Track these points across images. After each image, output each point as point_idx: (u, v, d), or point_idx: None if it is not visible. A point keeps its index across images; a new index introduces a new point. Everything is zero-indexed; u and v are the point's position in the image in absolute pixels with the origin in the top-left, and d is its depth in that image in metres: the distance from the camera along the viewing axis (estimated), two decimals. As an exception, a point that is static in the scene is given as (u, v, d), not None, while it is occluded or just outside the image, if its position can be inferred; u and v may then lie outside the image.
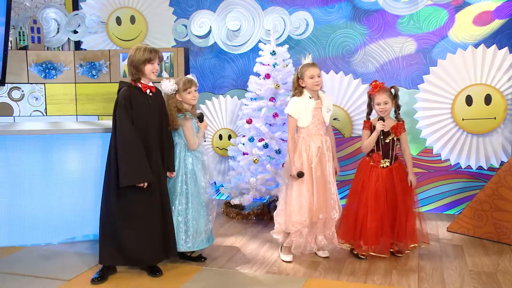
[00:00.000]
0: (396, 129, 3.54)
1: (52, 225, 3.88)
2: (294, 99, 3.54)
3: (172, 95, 3.43)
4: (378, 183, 3.50)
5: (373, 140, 3.52)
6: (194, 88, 3.48)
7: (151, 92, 3.26)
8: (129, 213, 3.17)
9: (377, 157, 3.54)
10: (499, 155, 4.52)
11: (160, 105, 3.32)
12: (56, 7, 5.68)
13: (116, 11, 5.70)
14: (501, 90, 4.43)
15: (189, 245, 3.41)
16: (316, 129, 3.52)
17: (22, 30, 5.48)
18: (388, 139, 3.53)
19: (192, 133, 3.45)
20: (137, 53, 3.17)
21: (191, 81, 3.48)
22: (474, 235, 4.09)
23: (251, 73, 4.68)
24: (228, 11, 5.24)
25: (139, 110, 3.17)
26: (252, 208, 4.64)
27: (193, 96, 3.47)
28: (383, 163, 3.54)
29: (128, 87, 3.19)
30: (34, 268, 3.39)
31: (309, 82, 3.46)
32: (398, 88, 3.59)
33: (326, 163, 3.51)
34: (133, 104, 3.14)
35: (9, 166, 3.78)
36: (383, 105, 3.49)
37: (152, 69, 3.20)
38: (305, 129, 3.52)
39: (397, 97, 3.56)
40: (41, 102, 5.46)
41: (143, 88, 3.22)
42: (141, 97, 3.20)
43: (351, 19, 5.00)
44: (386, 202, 3.48)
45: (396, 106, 3.57)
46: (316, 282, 3.17)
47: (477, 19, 4.64)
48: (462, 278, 3.22)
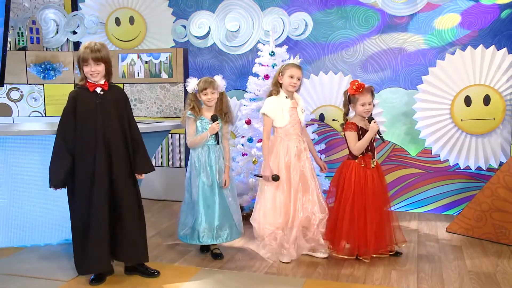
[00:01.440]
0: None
1: (51, 226, 3.87)
2: (270, 99, 3.54)
3: (193, 94, 3.51)
4: (374, 183, 3.48)
5: (369, 139, 3.47)
6: (211, 90, 3.45)
7: (103, 91, 3.06)
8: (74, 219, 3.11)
9: (368, 158, 3.51)
10: (498, 155, 4.53)
11: (118, 103, 3.11)
12: (55, 8, 5.68)
13: (115, 11, 5.70)
14: (500, 90, 4.44)
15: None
16: (293, 129, 3.53)
17: (21, 31, 5.48)
18: (373, 139, 3.53)
19: (192, 132, 3.47)
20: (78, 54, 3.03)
21: (210, 82, 3.45)
22: (473, 236, 4.09)
23: (250, 74, 4.69)
24: (227, 11, 5.24)
25: (86, 110, 3.02)
26: (252, 209, 4.63)
27: (208, 98, 3.46)
28: (373, 163, 3.52)
29: (77, 88, 3.10)
30: (33, 269, 3.38)
31: (286, 81, 3.48)
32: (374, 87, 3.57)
33: (305, 163, 3.51)
34: (79, 106, 3.01)
35: (8, 167, 3.77)
36: (368, 106, 3.45)
37: (88, 71, 2.99)
38: (282, 129, 3.52)
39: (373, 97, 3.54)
40: (40, 102, 5.46)
41: (90, 87, 3.04)
42: (89, 97, 3.03)
43: (350, 19, 5.01)
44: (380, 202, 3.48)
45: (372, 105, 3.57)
46: (315, 283, 3.17)
47: (476, 19, 4.64)
48: (461, 279, 3.22)
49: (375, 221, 3.44)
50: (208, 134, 3.45)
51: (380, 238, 3.48)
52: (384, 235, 3.50)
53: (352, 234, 3.47)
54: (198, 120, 3.49)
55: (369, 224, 3.43)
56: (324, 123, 4.96)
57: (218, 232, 3.48)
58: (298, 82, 3.51)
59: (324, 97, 4.98)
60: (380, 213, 3.48)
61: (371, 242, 3.44)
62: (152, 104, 5.33)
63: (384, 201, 3.53)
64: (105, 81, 3.10)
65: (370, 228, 3.43)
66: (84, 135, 3.02)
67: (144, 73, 5.33)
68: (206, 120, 3.50)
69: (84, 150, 3.02)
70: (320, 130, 4.89)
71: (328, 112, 4.98)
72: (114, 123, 3.07)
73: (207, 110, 3.51)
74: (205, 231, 3.45)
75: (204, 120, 3.50)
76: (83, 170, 3.03)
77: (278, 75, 3.55)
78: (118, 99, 3.13)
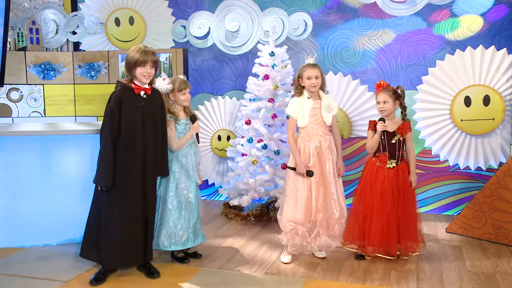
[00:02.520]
0: (402, 129, 3.52)
1: (50, 226, 3.87)
2: (293, 100, 3.58)
3: (165, 94, 3.45)
4: (385, 184, 3.48)
5: (376, 141, 3.51)
6: (188, 90, 3.50)
7: (146, 94, 3.17)
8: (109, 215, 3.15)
9: (383, 157, 3.53)
10: (497, 156, 4.53)
11: (156, 108, 3.24)
12: (55, 8, 5.68)
13: (115, 12, 5.70)
14: (499, 91, 4.44)
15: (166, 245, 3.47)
16: (314, 129, 3.53)
17: (21, 31, 5.48)
18: (394, 140, 3.51)
19: (175, 134, 3.44)
20: (130, 54, 3.10)
21: (186, 82, 3.50)
22: (473, 236, 4.09)
23: (250, 74, 4.69)
24: (227, 12, 5.24)
25: (130, 112, 3.10)
26: (251, 209, 4.64)
27: (187, 98, 3.49)
28: (390, 164, 3.53)
29: (121, 87, 3.14)
30: (33, 269, 3.38)
31: (306, 83, 3.50)
32: (404, 89, 3.58)
33: (325, 163, 3.51)
34: (124, 106, 3.07)
35: (7, 167, 3.77)
36: (382, 105, 3.49)
37: (142, 72, 3.10)
38: (304, 129, 3.54)
39: (402, 97, 3.55)
40: (39, 103, 5.46)
41: (136, 89, 3.13)
42: (134, 99, 3.12)
43: (350, 20, 5.01)
44: (392, 203, 3.46)
45: (402, 106, 3.56)
46: (315, 283, 3.17)
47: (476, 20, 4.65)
48: (461, 279, 3.22)
49: (381, 220, 3.44)
50: (192, 133, 3.48)
51: (387, 238, 3.47)
52: (394, 236, 3.48)
53: (356, 230, 3.54)
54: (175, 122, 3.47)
55: (374, 222, 3.45)
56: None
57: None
58: (317, 81, 3.50)
59: (324, 97, 4.97)
60: (390, 213, 3.45)
61: (374, 240, 3.45)
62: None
63: (400, 203, 3.49)
64: (149, 85, 3.19)
65: (376, 227, 3.44)
66: (125, 136, 3.09)
67: (144, 73, 5.32)
68: (183, 120, 3.49)
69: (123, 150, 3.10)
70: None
71: (327, 113, 4.98)
72: (151, 126, 3.19)
73: (180, 110, 3.52)
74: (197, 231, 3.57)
75: (181, 121, 3.49)
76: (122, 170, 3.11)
77: (298, 78, 3.56)
78: (157, 104, 3.25)
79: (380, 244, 3.49)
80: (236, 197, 4.70)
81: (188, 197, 3.47)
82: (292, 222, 3.48)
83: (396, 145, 3.53)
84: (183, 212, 3.46)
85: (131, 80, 3.15)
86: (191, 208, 3.50)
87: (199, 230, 3.59)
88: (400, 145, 3.54)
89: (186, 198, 3.46)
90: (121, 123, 3.07)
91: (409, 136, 3.56)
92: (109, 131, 3.05)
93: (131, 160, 3.12)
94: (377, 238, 3.46)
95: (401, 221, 3.49)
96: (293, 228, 3.48)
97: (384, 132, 3.49)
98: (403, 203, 3.49)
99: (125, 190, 3.13)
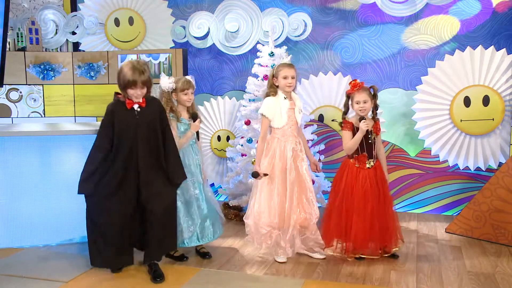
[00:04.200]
0: (376, 128, 3.52)
1: (50, 227, 3.87)
2: (268, 99, 3.55)
3: (168, 93, 3.45)
4: (366, 184, 3.46)
5: (358, 140, 3.47)
6: (192, 91, 3.50)
7: (140, 107, 3.14)
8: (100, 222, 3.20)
9: (363, 158, 3.50)
10: (497, 156, 4.53)
11: (153, 117, 3.20)
12: (55, 8, 5.68)
13: (115, 12, 5.70)
14: (499, 91, 4.44)
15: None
16: (290, 130, 3.54)
17: (20, 31, 5.48)
18: (370, 140, 3.50)
19: (176, 133, 3.44)
20: (122, 72, 3.06)
21: (190, 82, 3.50)
22: (472, 236, 4.09)
23: (249, 75, 4.69)
24: (226, 12, 5.24)
25: (124, 126, 3.10)
26: (251, 209, 4.63)
27: (189, 98, 3.49)
28: (368, 164, 3.51)
29: (115, 101, 3.17)
30: (32, 270, 3.38)
31: (282, 82, 3.48)
32: (377, 88, 3.56)
33: (300, 164, 3.53)
34: (116, 121, 3.09)
35: (7, 168, 3.77)
36: (362, 104, 3.45)
37: (133, 94, 3.07)
38: (280, 129, 3.53)
39: (376, 97, 3.53)
40: (39, 103, 5.46)
41: (127, 104, 3.11)
42: (127, 113, 3.11)
43: (349, 20, 5.01)
44: (373, 203, 3.45)
45: (374, 105, 3.53)
46: (314, 283, 3.17)
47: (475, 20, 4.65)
48: (460, 279, 3.22)
49: (362, 221, 3.42)
50: (193, 132, 3.48)
51: (369, 238, 3.46)
52: (375, 236, 3.47)
53: (339, 232, 3.52)
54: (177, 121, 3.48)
55: (355, 223, 3.43)
56: (324, 124, 4.96)
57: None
58: (293, 81, 3.51)
59: (324, 97, 4.98)
60: (372, 213, 3.44)
61: (356, 241, 3.45)
62: (152, 105, 5.33)
63: (380, 202, 3.49)
64: (143, 98, 3.16)
65: (356, 228, 3.43)
66: (119, 147, 3.11)
67: (143, 73, 5.32)
68: (185, 120, 3.50)
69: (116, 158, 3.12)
70: (320, 131, 4.90)
71: (327, 113, 4.98)
72: (149, 136, 3.17)
73: (182, 110, 3.53)
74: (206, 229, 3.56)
75: (183, 121, 3.49)
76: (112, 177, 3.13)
77: (272, 78, 3.55)
78: (155, 113, 3.22)
79: (362, 245, 3.47)
80: (235, 197, 4.70)
81: (195, 194, 3.48)
82: (267, 226, 3.46)
83: (372, 144, 3.52)
84: (191, 210, 3.47)
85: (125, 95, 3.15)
86: (199, 205, 3.50)
87: (208, 228, 3.56)
88: (374, 144, 3.53)
89: (191, 195, 3.47)
90: (114, 135, 3.10)
91: (379, 137, 3.58)
92: (98, 142, 3.12)
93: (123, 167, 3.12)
94: (360, 239, 3.43)
95: (382, 220, 3.48)
96: (267, 232, 3.47)
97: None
98: (383, 202, 3.49)
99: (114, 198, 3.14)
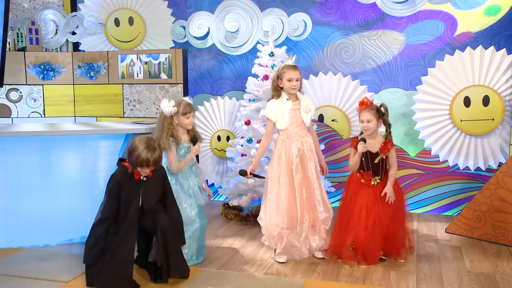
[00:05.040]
0: (384, 149, 3.49)
1: (50, 227, 3.87)
2: (271, 102, 3.57)
3: (170, 117, 3.42)
4: (370, 198, 3.45)
5: (357, 160, 3.48)
6: (193, 113, 3.48)
7: (145, 177, 3.15)
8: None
9: (367, 176, 3.50)
10: (497, 156, 4.53)
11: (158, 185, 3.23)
12: (54, 9, 5.68)
13: (114, 12, 5.70)
14: (499, 91, 4.44)
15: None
16: (295, 131, 3.53)
17: (20, 32, 5.48)
18: (377, 160, 3.49)
19: (175, 157, 3.43)
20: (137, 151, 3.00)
21: (191, 105, 3.48)
22: (472, 236, 4.09)
23: (249, 75, 4.69)
24: (226, 12, 5.24)
25: (130, 196, 3.12)
26: (251, 210, 4.63)
27: (191, 121, 3.47)
28: (374, 181, 3.50)
29: (122, 171, 3.15)
30: (32, 270, 3.38)
31: (286, 85, 3.49)
32: (387, 106, 3.50)
33: (307, 164, 3.51)
34: (123, 191, 3.10)
35: (7, 168, 3.77)
36: (365, 123, 3.44)
37: (141, 171, 3.06)
38: (284, 131, 3.53)
39: (386, 115, 3.49)
40: (39, 103, 5.46)
41: (135, 176, 3.13)
42: (134, 183, 3.14)
43: (349, 20, 5.01)
44: (376, 217, 3.41)
45: (386, 124, 3.50)
46: (314, 283, 3.17)
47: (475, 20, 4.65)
48: (460, 279, 3.22)
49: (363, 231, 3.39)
50: (192, 156, 3.46)
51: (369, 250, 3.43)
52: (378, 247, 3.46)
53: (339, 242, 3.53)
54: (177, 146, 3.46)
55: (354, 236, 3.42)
56: (324, 124, 4.96)
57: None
58: (298, 83, 3.51)
59: (324, 97, 4.98)
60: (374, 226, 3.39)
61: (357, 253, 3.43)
62: (152, 105, 5.33)
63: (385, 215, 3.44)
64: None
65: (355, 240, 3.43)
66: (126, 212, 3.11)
67: (143, 73, 5.33)
68: (185, 143, 3.49)
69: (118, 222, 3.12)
70: (320, 131, 4.89)
71: (327, 113, 4.98)
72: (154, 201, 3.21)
73: (183, 133, 3.51)
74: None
75: (183, 144, 3.48)
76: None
77: (276, 79, 3.55)
78: (159, 179, 3.24)
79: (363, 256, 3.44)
80: (235, 197, 4.70)
81: (191, 215, 3.46)
82: (276, 227, 3.47)
83: (380, 163, 3.50)
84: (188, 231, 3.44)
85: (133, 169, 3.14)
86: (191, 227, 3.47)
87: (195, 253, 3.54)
88: (384, 162, 3.51)
89: (188, 217, 3.44)
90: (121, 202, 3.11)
91: (392, 152, 3.53)
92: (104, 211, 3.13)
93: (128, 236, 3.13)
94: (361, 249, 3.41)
95: (389, 233, 3.45)
96: (278, 232, 3.48)
97: (367, 153, 3.45)
98: (390, 215, 3.45)
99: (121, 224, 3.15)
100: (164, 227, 3.14)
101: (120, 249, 3.05)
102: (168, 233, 3.15)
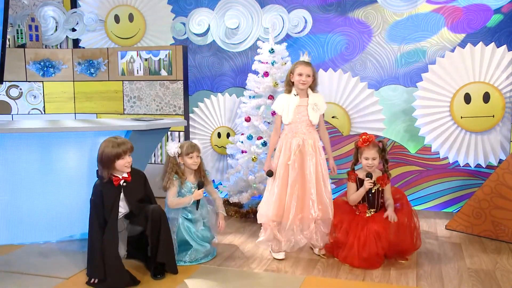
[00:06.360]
0: (382, 180, 3.51)
1: (50, 223, 3.87)
2: (281, 96, 3.61)
3: (174, 157, 3.50)
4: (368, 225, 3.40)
5: (361, 195, 3.49)
6: (197, 154, 3.51)
7: (125, 182, 3.20)
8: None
9: (362, 208, 3.52)
10: (497, 153, 4.53)
11: (138, 188, 3.30)
12: (54, 5, 5.67)
13: (115, 9, 5.69)
14: (499, 88, 4.43)
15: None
16: (299, 127, 3.53)
17: (20, 28, 5.47)
18: (374, 190, 3.50)
19: (174, 193, 3.46)
20: (105, 151, 3.10)
21: (194, 146, 3.52)
22: (472, 233, 4.10)
23: (249, 71, 4.68)
24: (226, 9, 5.23)
25: (112, 202, 3.15)
26: (251, 206, 4.64)
27: (194, 162, 3.50)
28: (369, 213, 3.51)
29: (101, 180, 3.19)
30: (32, 266, 3.39)
31: (296, 79, 3.50)
32: (386, 142, 3.53)
33: (306, 162, 3.49)
34: (105, 201, 3.13)
35: (7, 164, 3.77)
36: (371, 161, 3.45)
37: (124, 163, 3.14)
38: (288, 126, 3.55)
39: (385, 151, 3.53)
40: (39, 100, 5.45)
41: (115, 182, 3.16)
42: (114, 190, 3.17)
43: (350, 17, 5.00)
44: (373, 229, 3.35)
45: (384, 160, 3.53)
46: (314, 280, 3.17)
47: (476, 16, 4.64)
48: (460, 276, 3.23)
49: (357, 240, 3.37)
50: (191, 199, 3.45)
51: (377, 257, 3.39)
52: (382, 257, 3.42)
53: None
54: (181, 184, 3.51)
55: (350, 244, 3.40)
56: (324, 121, 4.94)
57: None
58: (308, 79, 3.49)
59: (324, 94, 4.90)
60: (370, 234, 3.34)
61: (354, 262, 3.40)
62: (152, 102, 5.33)
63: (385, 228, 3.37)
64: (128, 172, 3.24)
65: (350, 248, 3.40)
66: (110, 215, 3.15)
67: (143, 70, 5.32)
68: (189, 184, 3.52)
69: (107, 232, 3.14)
70: (320, 128, 4.89)
71: (327, 110, 4.93)
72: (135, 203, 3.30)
73: (189, 173, 3.55)
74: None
75: (187, 184, 3.52)
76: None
77: (289, 74, 3.56)
78: (139, 182, 3.33)
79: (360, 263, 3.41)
80: (235, 194, 4.70)
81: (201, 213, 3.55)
82: (263, 216, 3.51)
83: (375, 194, 3.51)
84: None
85: (108, 173, 3.16)
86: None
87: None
88: (379, 194, 3.52)
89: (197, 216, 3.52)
90: (105, 212, 3.14)
91: (387, 188, 3.55)
92: (94, 221, 3.14)
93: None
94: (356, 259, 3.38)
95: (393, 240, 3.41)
96: (264, 222, 3.52)
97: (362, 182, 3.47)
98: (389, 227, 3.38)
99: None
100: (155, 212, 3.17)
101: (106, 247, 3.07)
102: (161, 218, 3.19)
